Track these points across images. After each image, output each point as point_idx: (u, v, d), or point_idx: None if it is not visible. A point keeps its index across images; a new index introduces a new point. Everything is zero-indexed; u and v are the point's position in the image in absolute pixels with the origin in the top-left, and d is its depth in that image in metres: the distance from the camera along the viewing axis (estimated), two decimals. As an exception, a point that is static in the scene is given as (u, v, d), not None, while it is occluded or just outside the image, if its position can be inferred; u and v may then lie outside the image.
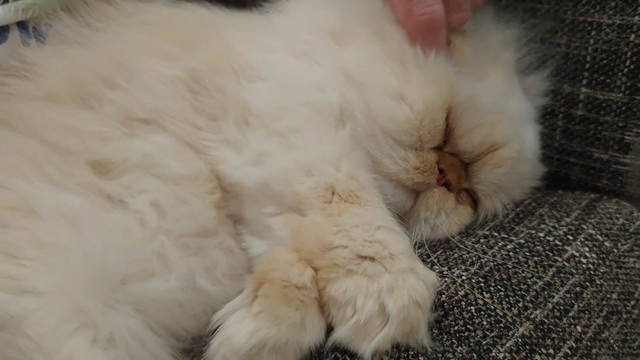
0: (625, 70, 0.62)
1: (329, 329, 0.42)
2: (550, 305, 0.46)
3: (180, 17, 0.61)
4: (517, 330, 0.43)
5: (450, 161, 0.52)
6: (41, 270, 0.41)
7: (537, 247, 0.51)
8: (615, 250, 0.54)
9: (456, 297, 0.45)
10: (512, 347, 0.42)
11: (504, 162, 0.53)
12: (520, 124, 0.57)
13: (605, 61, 0.63)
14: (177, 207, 0.49)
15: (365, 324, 0.39)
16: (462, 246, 0.51)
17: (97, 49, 0.55)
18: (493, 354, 0.41)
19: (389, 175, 0.51)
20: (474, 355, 0.41)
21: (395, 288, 0.40)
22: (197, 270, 0.48)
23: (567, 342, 0.44)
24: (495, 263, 0.48)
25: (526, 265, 0.49)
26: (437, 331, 0.42)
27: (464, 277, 0.47)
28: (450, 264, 0.49)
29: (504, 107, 0.54)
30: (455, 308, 0.44)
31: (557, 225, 0.54)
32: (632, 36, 0.61)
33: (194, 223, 0.49)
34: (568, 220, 0.55)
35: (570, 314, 0.46)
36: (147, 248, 0.46)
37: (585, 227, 0.55)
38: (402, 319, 0.39)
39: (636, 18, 0.60)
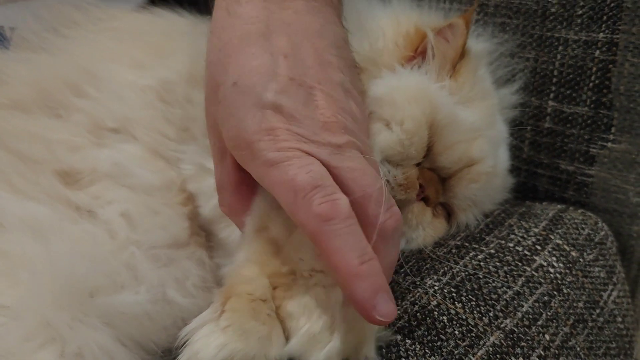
0: (591, 84, 0.64)
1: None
2: (519, 315, 0.47)
3: (152, 25, 0.60)
4: (488, 340, 0.44)
5: (429, 176, 0.52)
6: (5, 283, 0.39)
7: (507, 257, 0.52)
8: (581, 259, 0.56)
9: (429, 307, 0.45)
10: (484, 356, 0.42)
11: (479, 177, 0.54)
12: (495, 144, 0.57)
13: (571, 76, 0.65)
14: (148, 218, 0.48)
15: (314, 336, 0.38)
16: (434, 256, 0.51)
17: (64, 56, 0.54)
18: (465, 363, 0.42)
19: None
20: (446, 365, 0.41)
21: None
22: (168, 282, 0.47)
23: (536, 350, 0.45)
24: (466, 273, 0.49)
25: (496, 275, 0.49)
26: (410, 341, 0.43)
27: (436, 287, 0.47)
28: (423, 274, 0.49)
29: (482, 129, 0.54)
30: (427, 318, 0.44)
31: (526, 236, 0.55)
32: (597, 52, 0.63)
33: (165, 234, 0.49)
34: (536, 230, 0.57)
35: (539, 323, 0.47)
36: (116, 259, 0.45)
37: (552, 237, 0.56)
38: (347, 331, 0.39)
39: (601, 35, 0.62)
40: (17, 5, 0.62)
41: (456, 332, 0.44)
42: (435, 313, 0.45)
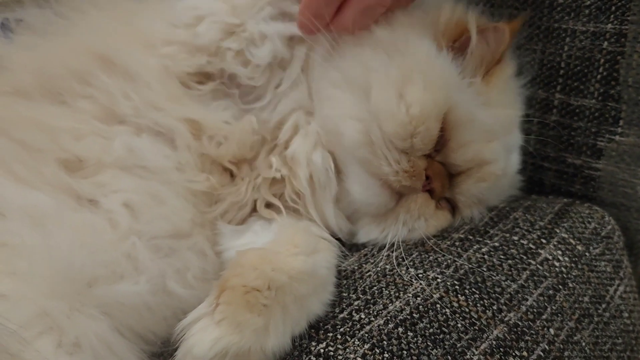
0: (599, 77, 0.63)
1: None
2: (524, 308, 0.46)
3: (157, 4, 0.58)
4: (492, 333, 0.43)
5: (437, 169, 0.52)
6: (3, 272, 0.39)
7: (512, 251, 0.51)
8: (587, 253, 0.55)
9: (431, 300, 0.45)
10: (487, 349, 0.42)
11: (488, 177, 0.54)
12: (509, 149, 0.57)
13: (579, 68, 0.64)
14: (152, 208, 0.48)
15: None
16: (437, 249, 0.51)
17: (71, 40, 0.53)
18: (467, 356, 0.41)
19: (379, 174, 0.50)
20: (449, 357, 0.41)
21: None
22: (168, 272, 0.47)
23: (541, 344, 0.44)
24: (470, 266, 0.48)
25: (500, 269, 0.49)
26: (412, 334, 0.42)
27: (439, 280, 0.47)
28: (426, 266, 0.49)
29: (500, 133, 0.54)
30: (430, 311, 0.44)
31: (531, 229, 0.55)
32: (605, 43, 0.62)
33: (167, 224, 0.48)
34: (542, 224, 0.56)
35: (544, 317, 0.46)
36: (117, 249, 0.45)
37: (558, 230, 0.55)
38: None
39: (609, 26, 0.61)
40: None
41: (459, 325, 0.43)
42: (438, 306, 0.44)
